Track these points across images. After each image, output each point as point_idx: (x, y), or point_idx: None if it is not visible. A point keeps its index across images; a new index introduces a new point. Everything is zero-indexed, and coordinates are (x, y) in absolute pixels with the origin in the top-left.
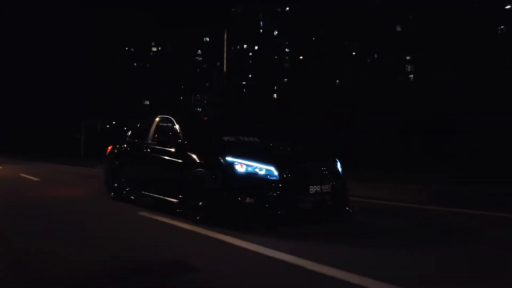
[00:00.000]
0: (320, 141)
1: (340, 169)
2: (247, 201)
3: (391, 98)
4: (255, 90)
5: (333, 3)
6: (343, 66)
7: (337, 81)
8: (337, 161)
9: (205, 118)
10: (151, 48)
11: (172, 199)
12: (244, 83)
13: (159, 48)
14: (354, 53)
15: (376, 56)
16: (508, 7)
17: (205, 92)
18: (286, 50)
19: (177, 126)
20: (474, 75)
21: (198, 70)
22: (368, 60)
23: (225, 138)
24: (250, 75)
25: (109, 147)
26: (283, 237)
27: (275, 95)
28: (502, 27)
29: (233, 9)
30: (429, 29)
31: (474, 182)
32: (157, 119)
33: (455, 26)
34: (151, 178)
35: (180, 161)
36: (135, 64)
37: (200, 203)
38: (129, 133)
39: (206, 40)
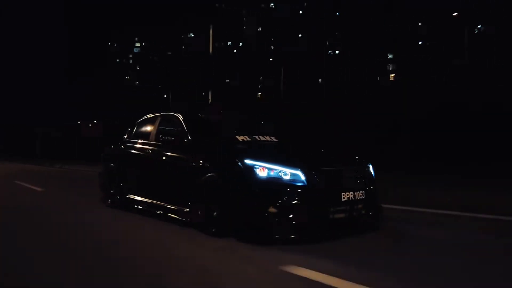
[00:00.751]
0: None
1: (373, 173)
2: (270, 210)
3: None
4: (242, 88)
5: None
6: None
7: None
8: (370, 164)
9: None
10: (134, 44)
11: (179, 208)
12: (227, 81)
13: (143, 44)
14: (335, 52)
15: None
16: None
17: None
18: (272, 47)
19: (184, 125)
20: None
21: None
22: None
23: (239, 138)
24: (236, 72)
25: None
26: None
27: (259, 93)
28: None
29: (217, 5)
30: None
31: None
32: (160, 117)
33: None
34: (154, 184)
35: (188, 164)
36: (117, 60)
37: (215, 213)
38: (128, 133)
39: (191, 36)
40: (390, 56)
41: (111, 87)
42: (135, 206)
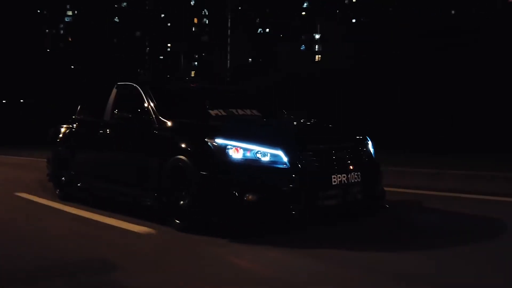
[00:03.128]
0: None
1: (372, 151)
2: (246, 198)
3: None
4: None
5: None
6: None
7: None
8: (368, 140)
9: (193, 85)
10: (65, 13)
11: (143, 198)
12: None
13: (75, 12)
14: None
15: None
16: None
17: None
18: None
19: (145, 98)
20: None
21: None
22: None
23: (212, 112)
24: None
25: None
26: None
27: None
28: None
29: None
30: None
31: None
32: (115, 88)
33: None
34: (112, 170)
35: (152, 145)
36: (47, 30)
37: (182, 202)
38: (80, 109)
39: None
40: None
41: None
42: (90, 196)
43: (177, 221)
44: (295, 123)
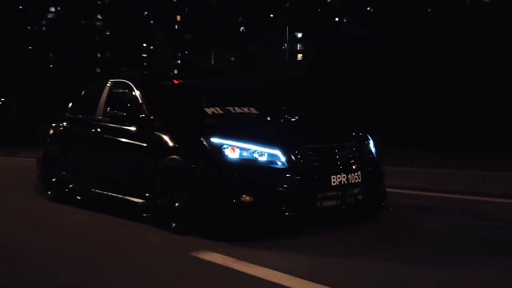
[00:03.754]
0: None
1: (373, 151)
2: (243, 199)
3: None
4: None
5: None
6: None
7: None
8: (370, 139)
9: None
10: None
11: (135, 199)
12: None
13: (58, 8)
14: None
15: None
16: None
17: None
18: None
19: (138, 95)
20: None
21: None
22: None
23: (209, 111)
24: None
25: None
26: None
27: None
28: None
29: None
30: None
31: None
32: (108, 84)
33: None
34: (105, 170)
35: (144, 145)
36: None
37: (176, 204)
38: (72, 107)
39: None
40: None
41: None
42: (80, 198)
43: (173, 224)
44: (293, 121)
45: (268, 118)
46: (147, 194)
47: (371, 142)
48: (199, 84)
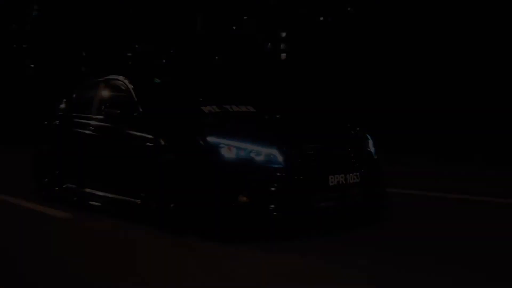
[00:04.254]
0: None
1: (373, 150)
2: (239, 199)
3: None
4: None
5: None
6: None
7: None
8: (369, 138)
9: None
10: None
11: (130, 199)
12: None
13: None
14: None
15: None
16: None
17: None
18: None
19: (132, 92)
20: None
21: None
22: None
23: (205, 109)
24: None
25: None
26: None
27: None
28: None
29: None
30: None
31: None
32: (102, 82)
33: None
34: (98, 169)
35: (139, 144)
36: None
37: (172, 205)
38: (65, 104)
39: None
40: None
41: None
42: (74, 198)
43: (168, 224)
44: (291, 120)
45: (266, 117)
46: (142, 194)
47: (370, 142)
48: (195, 80)
